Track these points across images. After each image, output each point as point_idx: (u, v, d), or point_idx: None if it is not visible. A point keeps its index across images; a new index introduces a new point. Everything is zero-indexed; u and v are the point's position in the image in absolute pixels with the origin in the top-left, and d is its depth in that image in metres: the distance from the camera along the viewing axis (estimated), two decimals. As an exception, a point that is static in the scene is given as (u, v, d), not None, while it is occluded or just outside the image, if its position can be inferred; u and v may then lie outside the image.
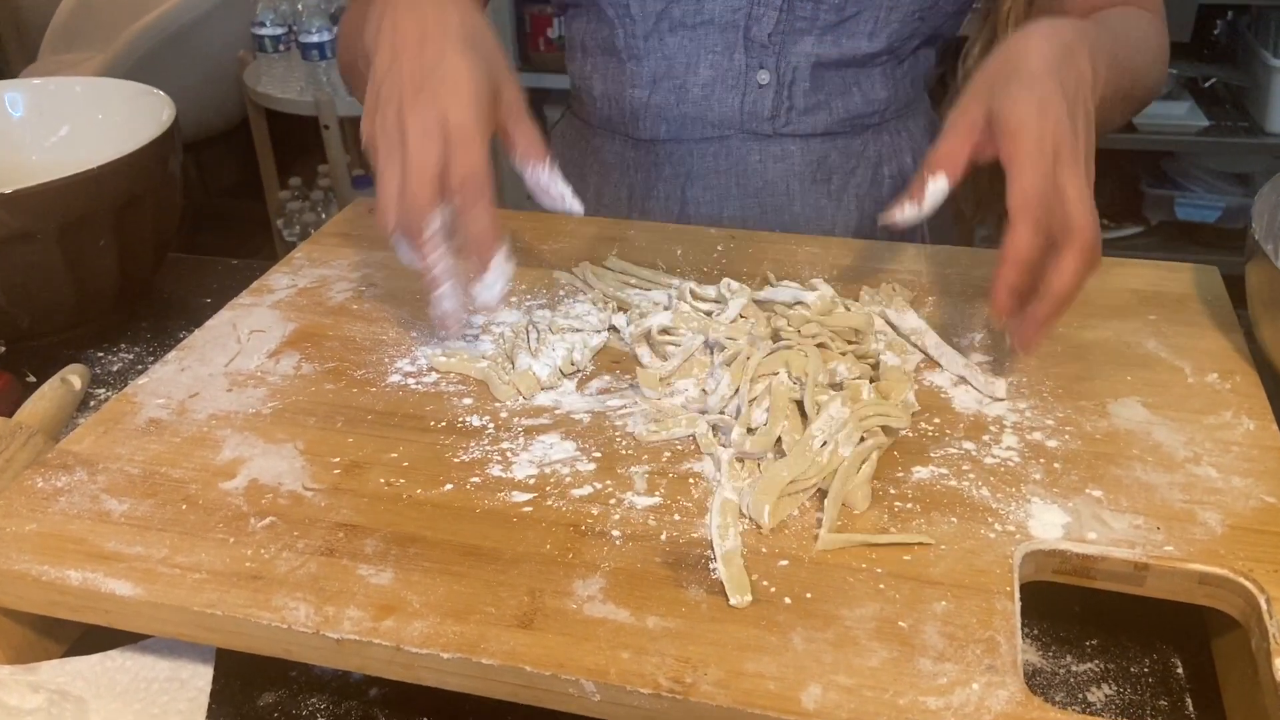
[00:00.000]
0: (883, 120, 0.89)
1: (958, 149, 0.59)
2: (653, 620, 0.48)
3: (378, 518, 0.54)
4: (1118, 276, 0.74)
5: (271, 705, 0.54)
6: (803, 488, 0.54)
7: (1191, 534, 0.52)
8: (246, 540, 0.53)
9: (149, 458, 0.59)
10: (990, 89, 0.58)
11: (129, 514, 0.55)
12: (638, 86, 0.87)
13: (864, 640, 0.47)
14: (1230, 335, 0.68)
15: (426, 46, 0.58)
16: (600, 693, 0.45)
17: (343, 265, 0.78)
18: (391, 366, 0.66)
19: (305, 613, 0.48)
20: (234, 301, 0.74)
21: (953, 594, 0.49)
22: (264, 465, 0.58)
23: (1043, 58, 0.57)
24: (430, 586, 0.50)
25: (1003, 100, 0.56)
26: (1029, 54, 0.58)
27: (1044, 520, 0.53)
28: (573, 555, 0.51)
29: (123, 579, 0.51)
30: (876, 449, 0.56)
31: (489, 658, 0.46)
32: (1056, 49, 0.58)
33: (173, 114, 0.86)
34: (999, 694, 0.44)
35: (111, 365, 0.81)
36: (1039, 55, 0.58)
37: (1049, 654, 0.56)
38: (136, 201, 0.80)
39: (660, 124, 0.89)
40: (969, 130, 0.58)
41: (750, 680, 0.45)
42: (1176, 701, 0.53)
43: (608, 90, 0.90)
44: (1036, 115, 0.55)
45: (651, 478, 0.56)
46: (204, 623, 0.49)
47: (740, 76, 0.85)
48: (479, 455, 0.58)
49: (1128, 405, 0.61)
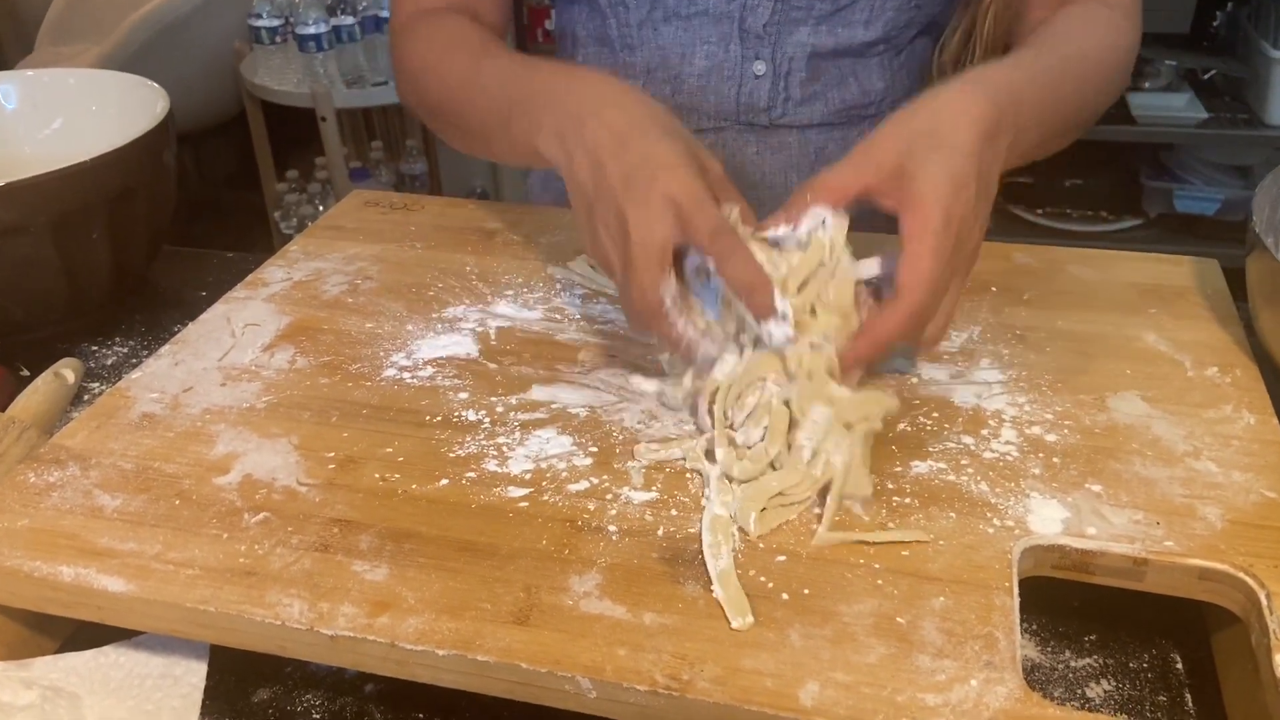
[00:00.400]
0: (879, 111, 0.88)
1: (850, 185, 0.57)
2: (649, 617, 0.48)
3: (372, 513, 0.54)
4: (1117, 270, 0.74)
5: (266, 701, 0.54)
6: (795, 500, 0.54)
7: (1191, 529, 0.52)
8: (240, 536, 0.52)
9: (142, 453, 0.58)
10: (910, 144, 0.56)
11: (122, 509, 0.54)
12: (631, 77, 0.87)
13: (862, 637, 0.46)
14: (1230, 329, 0.67)
15: (629, 146, 0.57)
16: (597, 690, 0.45)
17: (338, 259, 0.77)
18: (387, 361, 0.66)
19: (299, 609, 0.48)
20: (228, 295, 0.73)
21: (951, 590, 0.49)
22: (258, 460, 0.57)
23: (971, 134, 0.56)
24: (425, 583, 0.49)
25: (921, 165, 0.55)
26: (959, 125, 0.56)
27: (1043, 515, 0.53)
28: (569, 551, 0.51)
29: (115, 575, 0.50)
30: (867, 432, 0.56)
31: (484, 654, 0.46)
32: (987, 126, 0.56)
33: (167, 106, 0.85)
34: (998, 690, 0.44)
35: (105, 359, 0.81)
36: (968, 131, 0.56)
37: (1047, 649, 0.55)
38: (130, 194, 0.80)
39: None
40: (871, 171, 0.56)
41: (748, 677, 0.45)
42: (1176, 697, 0.53)
43: None
44: (950, 196, 0.54)
45: (648, 472, 0.56)
46: (197, 619, 0.49)
47: (736, 67, 0.84)
48: (474, 450, 0.58)
49: (1127, 399, 0.61)
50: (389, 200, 0.86)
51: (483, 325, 0.70)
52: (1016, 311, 0.70)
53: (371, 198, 0.87)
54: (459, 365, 0.66)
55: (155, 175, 0.83)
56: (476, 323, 0.70)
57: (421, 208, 0.85)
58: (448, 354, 0.67)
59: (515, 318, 0.71)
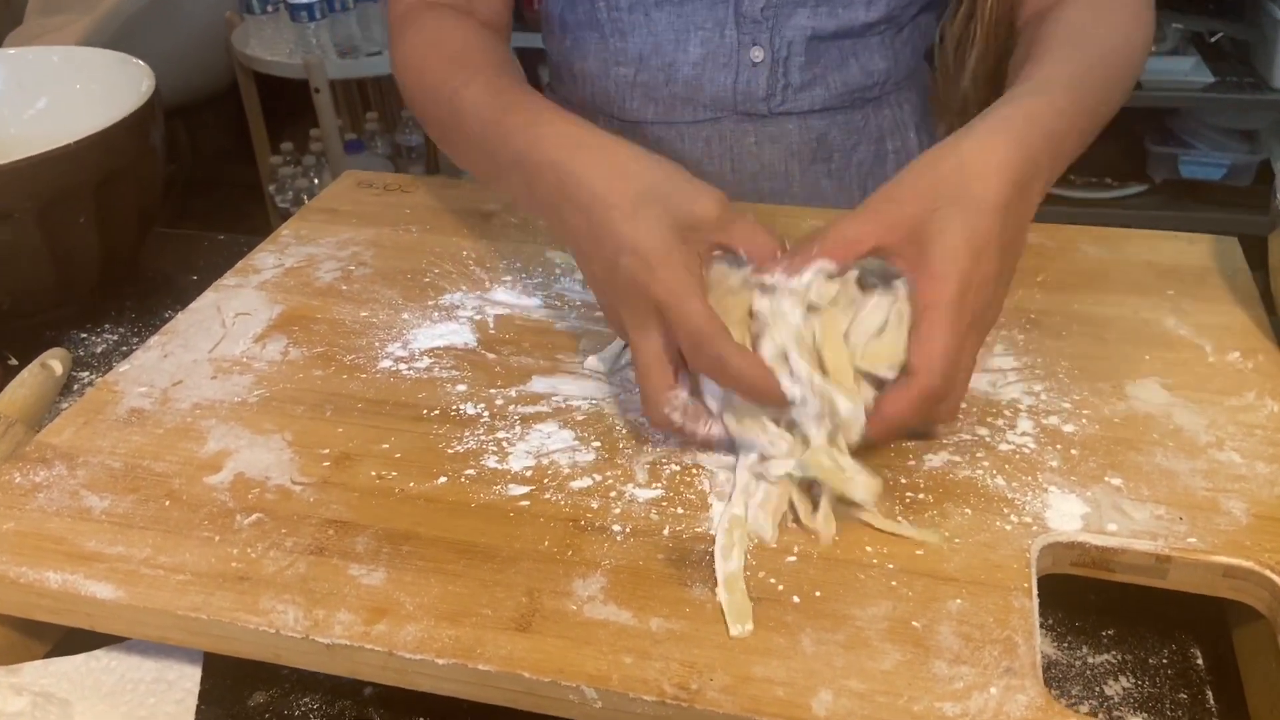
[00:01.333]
0: (882, 93, 0.85)
1: (863, 241, 0.52)
2: (656, 622, 0.46)
3: (369, 513, 0.52)
4: (1134, 249, 0.72)
5: (263, 705, 0.52)
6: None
7: (1215, 524, 0.50)
8: (232, 539, 0.51)
9: (131, 450, 0.56)
10: (931, 200, 0.51)
11: (110, 511, 0.53)
12: (622, 65, 0.84)
13: (876, 642, 0.45)
14: (1252, 310, 0.65)
15: (601, 238, 0.53)
16: (602, 700, 0.44)
17: (331, 243, 0.75)
18: (382, 351, 0.64)
19: (294, 616, 0.47)
20: (218, 283, 0.71)
21: (968, 591, 0.47)
22: (250, 458, 0.56)
23: (999, 187, 0.51)
24: (424, 587, 0.48)
25: (940, 229, 0.50)
26: (986, 178, 0.51)
27: (1062, 511, 0.51)
28: (572, 552, 0.49)
29: (104, 581, 0.49)
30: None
31: (486, 663, 0.44)
32: (1016, 175, 0.52)
33: (152, 84, 0.83)
34: (1018, 699, 0.43)
35: (95, 347, 0.79)
36: (996, 183, 0.51)
37: (1064, 645, 0.54)
38: (116, 176, 0.78)
39: (648, 105, 0.85)
40: (887, 229, 0.52)
41: (758, 686, 0.43)
42: (1197, 694, 0.51)
43: (589, 68, 0.85)
44: (969, 263, 0.50)
45: (653, 468, 0.54)
46: (188, 627, 0.47)
47: (732, 54, 0.81)
48: (474, 446, 0.56)
49: (1146, 387, 0.59)
50: (383, 181, 0.84)
51: (481, 313, 0.68)
52: (1031, 294, 0.68)
53: (365, 178, 0.85)
54: (457, 355, 0.64)
55: (142, 156, 0.81)
56: (474, 310, 0.68)
57: (416, 188, 0.83)
58: (445, 344, 0.65)
59: (514, 305, 0.68)
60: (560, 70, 0.90)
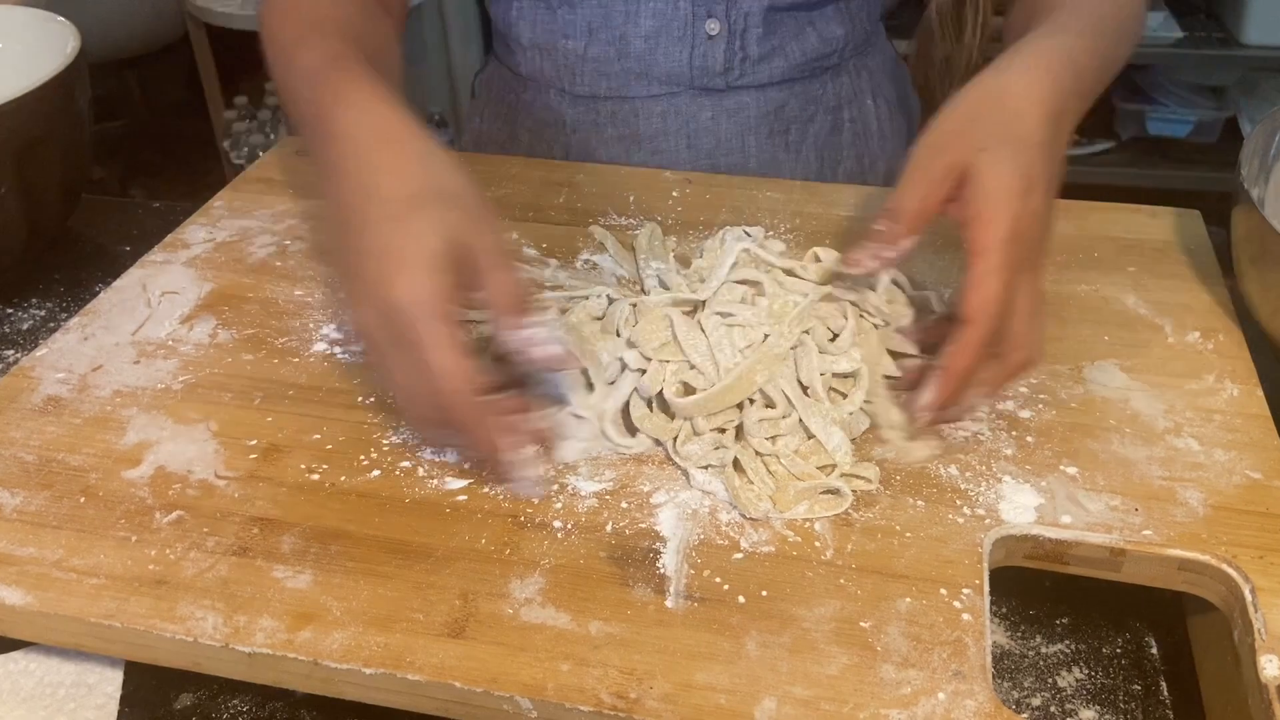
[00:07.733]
0: (841, 60, 0.82)
1: (930, 204, 0.51)
2: (595, 625, 0.44)
3: (296, 510, 0.49)
4: (1096, 222, 0.70)
5: (189, 708, 0.50)
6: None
7: (1171, 515, 0.49)
8: (150, 539, 0.48)
9: (45, 442, 0.54)
10: (974, 136, 0.51)
11: (21, 509, 0.50)
12: (571, 36, 0.80)
13: (823, 644, 0.43)
14: (1213, 288, 0.64)
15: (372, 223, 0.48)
16: (537, 710, 0.42)
17: (265, 216, 0.72)
18: (317, 333, 0.61)
19: (214, 623, 0.44)
20: (145, 258, 0.68)
21: (918, 589, 0.46)
22: (172, 450, 0.53)
23: (1040, 120, 0.51)
24: (352, 590, 0.46)
25: (990, 167, 0.50)
26: (1027, 112, 0.51)
27: (1016, 502, 0.50)
28: (510, 551, 0.47)
29: (13, 585, 0.46)
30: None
31: (416, 673, 0.42)
32: (1052, 107, 0.52)
33: (78, 45, 0.78)
34: (966, 704, 0.41)
35: (21, 323, 0.75)
36: (1037, 117, 0.51)
37: (1017, 635, 0.53)
38: (40, 143, 0.74)
39: (600, 79, 0.81)
40: (943, 180, 0.51)
41: (699, 694, 0.42)
42: (1151, 685, 0.50)
43: (537, 39, 0.81)
44: (1019, 201, 0.49)
45: (597, 460, 0.52)
46: (102, 634, 0.45)
47: (686, 27, 0.77)
48: (409, 436, 0.54)
49: (1105, 369, 0.58)
50: (323, 148, 0.80)
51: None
52: (990, 270, 0.66)
53: (305, 146, 0.81)
54: (395, 337, 0.61)
55: (68, 121, 0.76)
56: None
57: (358, 155, 0.79)
58: (383, 324, 0.62)
59: (456, 281, 0.66)
60: (506, 38, 0.85)
